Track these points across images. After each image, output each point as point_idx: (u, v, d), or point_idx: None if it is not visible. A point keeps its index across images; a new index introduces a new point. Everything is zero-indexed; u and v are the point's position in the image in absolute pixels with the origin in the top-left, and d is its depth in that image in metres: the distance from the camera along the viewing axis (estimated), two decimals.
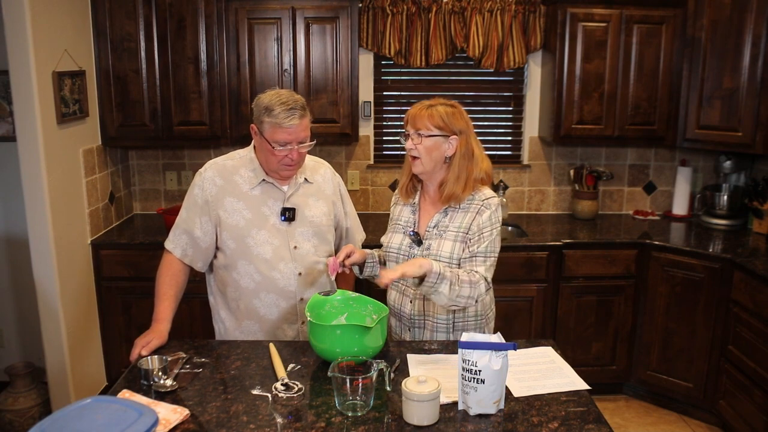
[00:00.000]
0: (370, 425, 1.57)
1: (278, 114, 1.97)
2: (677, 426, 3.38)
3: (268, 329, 2.17)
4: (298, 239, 2.14)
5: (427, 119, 1.98)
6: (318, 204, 2.20)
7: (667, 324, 3.39)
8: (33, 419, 3.13)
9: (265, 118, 1.99)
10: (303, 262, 2.15)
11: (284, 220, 2.12)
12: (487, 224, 2.01)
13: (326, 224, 2.21)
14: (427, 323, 2.09)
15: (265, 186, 2.13)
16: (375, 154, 3.97)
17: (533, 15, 3.69)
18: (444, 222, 2.05)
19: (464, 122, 2.02)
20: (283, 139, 1.99)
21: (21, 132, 2.91)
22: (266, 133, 2.01)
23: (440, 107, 2.00)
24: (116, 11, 3.34)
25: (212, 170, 2.14)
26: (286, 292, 2.13)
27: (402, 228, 2.13)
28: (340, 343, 1.79)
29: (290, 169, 2.08)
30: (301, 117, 2.00)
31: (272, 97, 2.01)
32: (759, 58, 3.24)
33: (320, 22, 3.43)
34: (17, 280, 3.64)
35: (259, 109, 2.02)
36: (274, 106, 1.98)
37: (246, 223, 2.10)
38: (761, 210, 3.51)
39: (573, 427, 1.59)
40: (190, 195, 2.15)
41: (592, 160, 3.97)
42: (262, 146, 2.05)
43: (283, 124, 1.97)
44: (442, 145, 2.00)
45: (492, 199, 2.04)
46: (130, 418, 1.41)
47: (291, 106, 1.98)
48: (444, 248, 2.02)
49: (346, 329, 1.83)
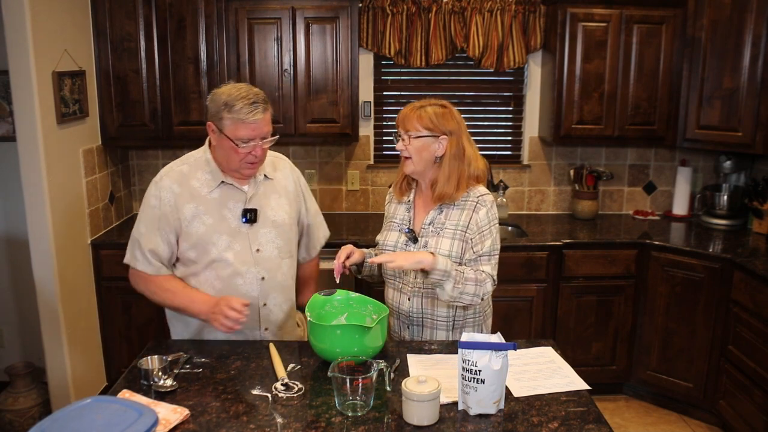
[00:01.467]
0: (370, 425, 1.57)
1: (240, 109, 1.87)
2: (677, 426, 3.38)
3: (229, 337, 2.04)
4: (260, 241, 2.05)
5: (416, 120, 1.99)
6: (280, 202, 2.11)
7: (667, 324, 3.39)
8: (33, 419, 3.13)
9: (225, 114, 1.88)
10: (266, 265, 2.06)
11: (245, 222, 2.02)
12: (485, 222, 2.02)
13: (289, 223, 2.13)
14: (425, 321, 2.09)
15: (225, 188, 2.02)
16: (375, 154, 3.97)
17: (533, 15, 3.69)
18: (440, 219, 2.06)
19: (455, 122, 2.01)
20: (246, 136, 1.89)
21: (21, 132, 2.91)
22: (227, 130, 1.89)
23: (429, 108, 2.00)
24: (116, 11, 3.35)
25: (168, 178, 2.01)
26: (248, 298, 2.02)
27: (397, 225, 2.14)
28: (340, 343, 1.79)
29: (252, 167, 1.98)
30: (264, 111, 1.91)
31: (231, 90, 1.91)
32: (759, 58, 3.24)
33: (320, 22, 3.43)
34: (17, 280, 3.64)
35: (216, 105, 1.91)
36: (234, 101, 1.87)
37: (207, 228, 1.99)
38: (761, 210, 3.51)
39: (573, 427, 1.59)
40: (147, 207, 2.01)
41: (592, 160, 3.97)
42: (222, 144, 1.93)
43: (247, 120, 1.87)
44: (431, 146, 2.00)
45: (486, 196, 2.05)
46: (130, 418, 1.41)
47: (253, 100, 1.89)
48: (442, 246, 2.02)
49: (346, 329, 1.83)
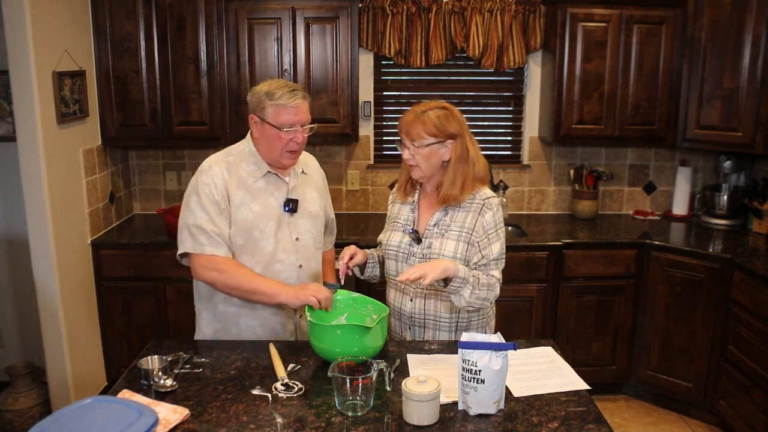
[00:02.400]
0: (370, 425, 1.57)
1: (281, 96, 1.98)
2: (677, 426, 3.38)
3: (266, 323, 2.14)
4: (300, 231, 2.14)
5: (420, 127, 1.96)
6: (314, 195, 2.21)
7: (667, 324, 3.39)
8: (33, 419, 3.13)
9: (267, 103, 2.00)
10: (304, 254, 2.15)
11: (287, 211, 2.11)
12: (491, 226, 2.02)
13: (321, 215, 2.24)
14: (428, 322, 2.09)
15: (269, 178, 2.11)
16: (375, 154, 3.97)
17: (533, 15, 3.69)
18: (445, 221, 2.05)
19: (458, 124, 2.00)
20: (289, 121, 2.00)
21: (21, 132, 2.91)
22: (270, 117, 2.00)
23: (432, 113, 1.98)
24: (116, 11, 3.35)
25: (217, 166, 2.08)
26: None
27: (401, 226, 2.14)
28: (340, 343, 1.79)
29: (293, 156, 2.08)
30: (303, 98, 2.03)
31: (270, 82, 2.04)
32: (759, 58, 3.24)
33: (320, 22, 3.43)
34: (17, 280, 3.64)
35: (258, 97, 2.02)
36: (275, 89, 1.99)
37: (255, 216, 2.07)
38: (761, 210, 3.51)
39: (573, 427, 1.59)
40: (203, 195, 2.03)
41: (592, 160, 3.97)
42: (266, 133, 2.04)
43: (288, 104, 1.98)
44: (438, 151, 1.99)
45: (492, 199, 2.05)
46: (130, 418, 1.41)
47: (292, 88, 2.01)
48: (447, 247, 2.02)
49: (346, 329, 1.83)
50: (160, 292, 3.39)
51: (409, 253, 2.08)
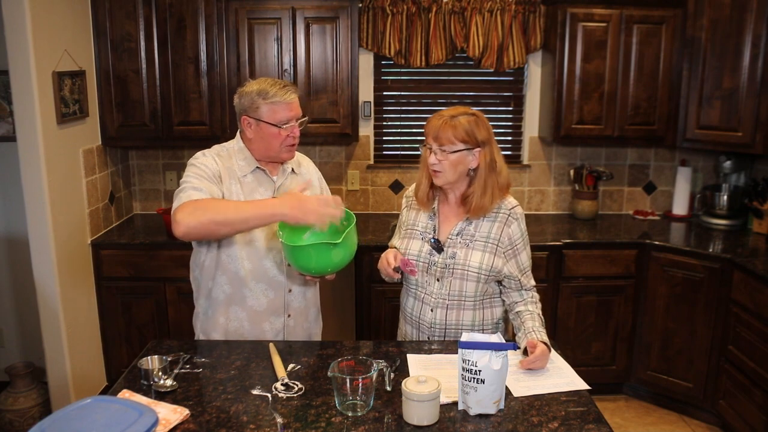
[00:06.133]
0: (370, 425, 1.57)
1: (275, 93, 2.00)
2: (677, 426, 3.38)
3: (253, 319, 2.12)
4: None
5: (452, 133, 1.91)
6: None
7: (667, 324, 3.39)
8: (33, 419, 3.13)
9: (261, 102, 2.00)
10: None
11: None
12: (518, 236, 2.04)
13: None
14: (449, 332, 2.06)
15: (258, 174, 2.11)
16: (375, 154, 3.97)
17: (533, 15, 3.69)
18: (469, 230, 2.02)
19: (486, 131, 1.96)
20: (286, 117, 2.01)
21: (21, 132, 2.91)
22: (265, 116, 2.01)
23: (462, 118, 1.93)
24: (116, 11, 3.35)
25: (212, 152, 2.11)
26: (276, 283, 2.11)
27: (420, 234, 2.09)
28: (315, 260, 1.86)
29: (292, 149, 2.09)
30: (295, 92, 2.05)
31: (260, 82, 2.04)
32: (759, 58, 3.24)
33: (320, 22, 3.43)
34: (17, 280, 3.64)
35: (250, 98, 2.02)
36: (267, 88, 2.01)
37: None
38: (761, 210, 3.51)
39: (573, 427, 1.59)
40: (196, 168, 2.03)
41: (592, 160, 3.97)
42: (263, 133, 2.03)
43: (284, 100, 2.00)
44: (466, 158, 1.95)
45: (517, 209, 2.05)
46: (130, 418, 1.41)
47: (283, 85, 2.03)
48: (473, 258, 1.99)
49: (315, 248, 1.86)
50: (160, 292, 3.39)
51: (430, 262, 2.04)
